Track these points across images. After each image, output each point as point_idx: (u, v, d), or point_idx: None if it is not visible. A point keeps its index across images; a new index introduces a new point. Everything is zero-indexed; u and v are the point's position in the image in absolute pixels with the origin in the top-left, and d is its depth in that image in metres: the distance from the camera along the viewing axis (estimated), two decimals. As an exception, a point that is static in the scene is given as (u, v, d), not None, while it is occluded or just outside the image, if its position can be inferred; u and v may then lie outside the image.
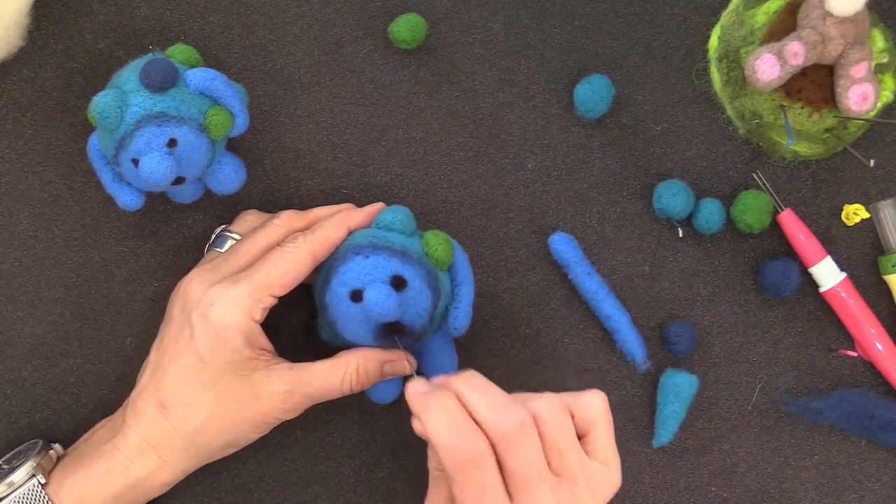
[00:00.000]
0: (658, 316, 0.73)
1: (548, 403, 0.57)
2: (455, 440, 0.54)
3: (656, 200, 0.71)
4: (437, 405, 0.56)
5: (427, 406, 0.56)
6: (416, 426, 0.58)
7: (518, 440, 0.55)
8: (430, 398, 0.56)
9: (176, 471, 0.64)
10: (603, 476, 0.58)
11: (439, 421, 0.55)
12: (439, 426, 0.55)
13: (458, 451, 0.54)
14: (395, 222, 0.65)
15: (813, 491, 0.74)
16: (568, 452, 0.57)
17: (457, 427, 0.55)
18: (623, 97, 0.73)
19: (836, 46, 0.67)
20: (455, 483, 0.55)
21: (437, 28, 0.72)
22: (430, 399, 0.56)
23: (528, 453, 0.55)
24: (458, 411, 0.55)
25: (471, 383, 0.57)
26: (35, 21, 0.70)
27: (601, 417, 0.59)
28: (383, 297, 0.61)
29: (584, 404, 0.59)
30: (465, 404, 0.56)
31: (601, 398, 0.59)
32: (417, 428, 0.58)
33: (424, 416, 0.56)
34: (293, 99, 0.72)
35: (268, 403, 0.63)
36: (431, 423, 0.55)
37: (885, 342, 0.73)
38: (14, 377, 0.71)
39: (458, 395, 0.56)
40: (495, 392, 0.57)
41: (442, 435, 0.55)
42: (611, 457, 0.59)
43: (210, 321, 0.62)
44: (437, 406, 0.56)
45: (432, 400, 0.56)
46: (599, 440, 0.59)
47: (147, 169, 0.62)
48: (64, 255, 0.71)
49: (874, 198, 0.74)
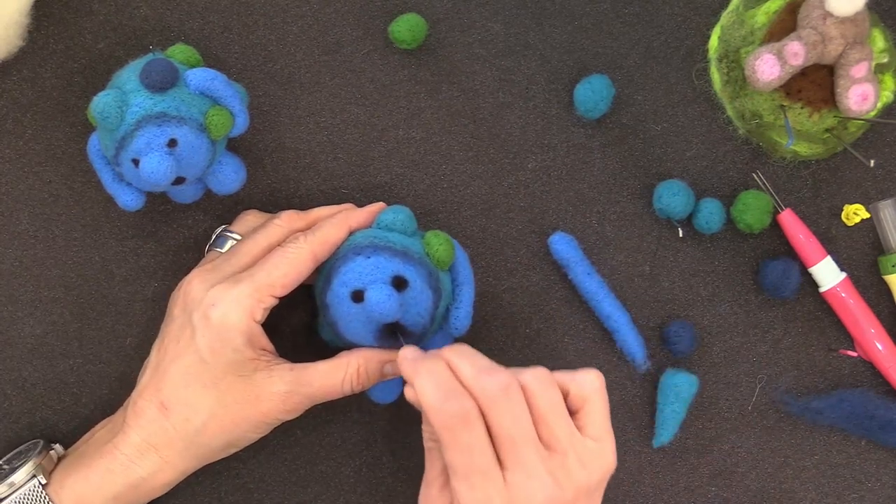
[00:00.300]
0: (658, 316, 0.73)
1: (535, 374, 0.58)
2: (443, 401, 0.56)
3: (656, 200, 0.71)
4: (426, 369, 0.57)
5: (417, 370, 0.58)
6: (407, 393, 0.59)
7: (503, 401, 0.56)
8: (421, 364, 0.58)
9: (177, 471, 0.64)
10: (595, 452, 0.58)
11: (428, 383, 0.57)
12: (428, 388, 0.57)
13: (446, 410, 0.56)
14: (396, 222, 0.65)
15: (813, 491, 0.74)
16: (557, 424, 0.57)
17: (444, 388, 0.56)
18: (623, 97, 0.73)
19: (836, 46, 0.67)
20: (444, 446, 0.56)
21: (437, 28, 0.72)
22: (420, 365, 0.58)
23: (514, 415, 0.56)
24: (446, 374, 0.57)
25: (460, 351, 0.59)
26: (35, 21, 0.70)
27: (595, 394, 0.59)
28: (384, 297, 0.61)
29: (579, 380, 0.59)
30: (453, 370, 0.58)
31: (596, 376, 0.60)
32: (409, 395, 0.59)
33: (415, 381, 0.57)
34: (293, 99, 0.72)
35: (268, 404, 0.63)
36: (420, 385, 0.57)
37: (885, 342, 0.73)
38: (14, 377, 0.71)
39: (448, 361, 0.58)
40: (483, 359, 0.58)
41: (430, 396, 0.56)
42: (604, 434, 0.59)
43: (211, 321, 0.62)
44: (427, 370, 0.57)
45: (422, 365, 0.58)
46: (592, 416, 0.59)
47: (147, 169, 0.62)
48: (64, 255, 0.71)
49: (874, 198, 0.74)
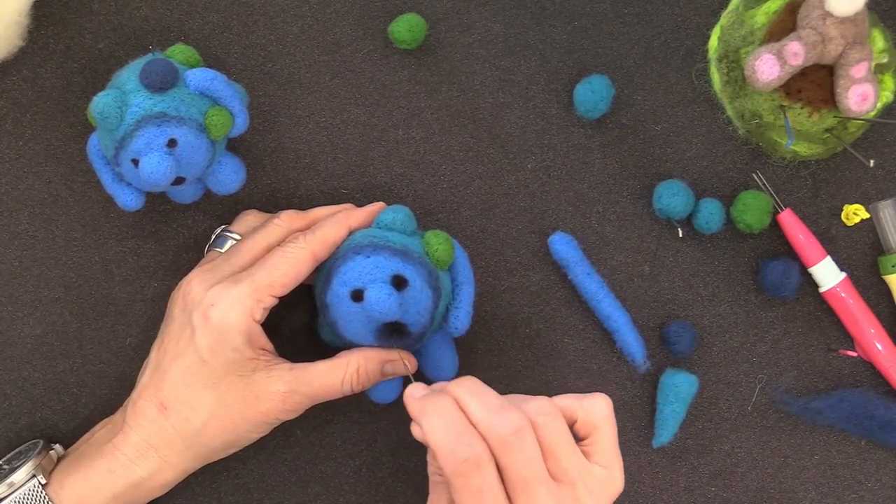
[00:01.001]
0: (658, 316, 0.73)
1: (541, 408, 0.57)
2: (453, 444, 0.54)
3: (656, 200, 0.71)
4: (435, 410, 0.56)
5: (426, 410, 0.56)
6: (415, 431, 0.58)
7: (516, 444, 0.55)
8: (429, 403, 0.56)
9: (176, 471, 0.64)
10: (604, 479, 0.58)
11: (438, 425, 0.55)
12: (438, 430, 0.55)
13: (457, 455, 0.54)
14: (395, 222, 0.65)
15: (813, 491, 0.74)
16: (565, 456, 0.56)
17: (455, 431, 0.55)
18: (623, 97, 0.73)
19: (836, 46, 0.67)
20: (454, 488, 0.55)
21: (437, 28, 0.72)
22: (428, 403, 0.56)
23: (527, 457, 0.55)
24: (456, 415, 0.55)
25: (468, 388, 0.57)
26: (35, 21, 0.70)
27: (605, 421, 0.58)
28: (384, 296, 0.61)
29: (587, 407, 0.58)
30: (462, 409, 0.56)
31: (606, 402, 0.59)
32: (416, 433, 0.58)
33: (423, 421, 0.56)
34: (293, 99, 0.72)
35: (268, 403, 0.63)
36: (430, 427, 0.55)
37: (885, 342, 0.73)
38: (14, 377, 0.71)
39: (456, 399, 0.56)
40: (492, 396, 0.57)
41: (440, 439, 0.55)
42: (612, 460, 0.58)
43: (211, 321, 0.62)
44: (436, 410, 0.56)
45: (430, 404, 0.56)
46: (601, 443, 0.58)
47: (147, 169, 0.62)
48: (64, 255, 0.71)
49: (874, 198, 0.74)
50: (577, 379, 0.73)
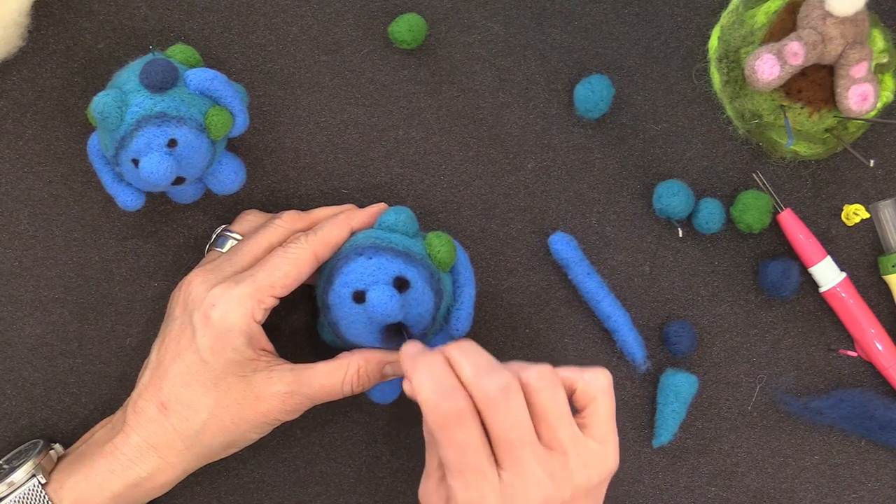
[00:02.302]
0: (658, 316, 0.73)
1: (539, 373, 0.57)
2: (437, 398, 0.55)
3: (656, 200, 0.71)
4: (425, 365, 0.57)
5: (416, 366, 0.57)
6: (405, 387, 0.59)
7: (500, 402, 0.55)
8: (420, 359, 0.57)
9: (177, 471, 0.64)
10: (597, 453, 0.58)
11: (425, 379, 0.56)
12: (424, 385, 0.56)
13: (440, 408, 0.55)
14: (397, 223, 0.65)
15: (813, 491, 0.74)
16: (559, 425, 0.57)
17: (440, 386, 0.56)
18: (623, 97, 0.73)
19: (836, 46, 0.67)
20: (439, 442, 0.56)
21: (437, 28, 0.72)
22: (419, 360, 0.57)
23: (512, 417, 0.56)
24: (444, 372, 0.56)
25: (461, 348, 0.58)
26: (35, 21, 0.70)
27: (602, 394, 0.59)
28: (386, 298, 0.61)
29: (587, 378, 0.59)
30: (454, 367, 0.57)
31: (605, 375, 0.59)
32: (407, 389, 0.59)
33: (412, 375, 0.57)
34: (293, 99, 0.72)
35: (268, 404, 0.63)
36: (418, 381, 0.56)
37: (885, 342, 0.73)
38: (14, 377, 0.71)
39: (448, 358, 0.57)
40: (484, 357, 0.58)
41: (425, 392, 0.56)
42: (608, 435, 0.58)
43: (211, 321, 0.62)
44: (425, 366, 0.57)
45: (422, 361, 0.57)
46: (597, 416, 0.58)
47: (147, 169, 0.62)
48: (64, 255, 0.71)
49: (874, 198, 0.74)
50: (577, 379, 0.73)
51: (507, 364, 0.58)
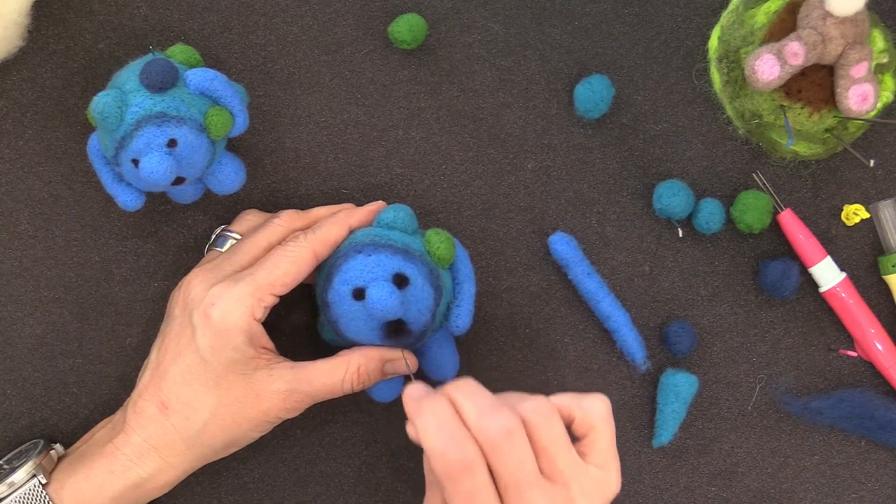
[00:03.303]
0: (658, 316, 0.73)
1: (536, 407, 0.57)
2: (445, 446, 0.54)
3: (656, 200, 0.71)
4: (429, 410, 0.56)
5: (420, 411, 0.56)
6: (409, 431, 0.58)
7: (506, 446, 0.55)
8: (424, 403, 0.56)
9: (177, 471, 0.64)
10: (599, 480, 0.58)
11: (430, 426, 0.55)
12: (430, 431, 0.55)
13: (448, 457, 0.54)
14: (396, 221, 0.65)
15: (813, 491, 0.74)
16: (559, 456, 0.56)
17: (447, 433, 0.55)
18: (623, 97, 0.73)
19: (836, 46, 0.67)
20: (446, 490, 0.55)
21: (437, 28, 0.72)
22: (423, 404, 0.56)
23: (517, 459, 0.55)
24: (449, 416, 0.55)
25: (463, 389, 0.57)
26: (35, 21, 0.70)
27: (602, 422, 0.58)
28: (386, 294, 0.61)
29: (585, 407, 0.58)
30: (457, 410, 0.56)
31: (603, 402, 0.59)
32: (411, 433, 0.58)
33: (417, 421, 0.56)
34: (293, 99, 0.72)
35: (269, 402, 0.63)
36: (422, 427, 0.55)
37: (885, 342, 0.73)
38: (14, 377, 0.71)
39: (451, 400, 0.56)
40: (485, 397, 0.57)
41: (432, 440, 0.55)
42: (609, 461, 0.58)
43: (211, 320, 0.62)
44: (430, 411, 0.56)
45: (425, 404, 0.56)
46: (597, 444, 0.58)
47: (147, 169, 0.62)
48: (64, 255, 0.71)
49: (874, 198, 0.74)
50: (577, 379, 0.73)
51: (503, 396, 0.58)
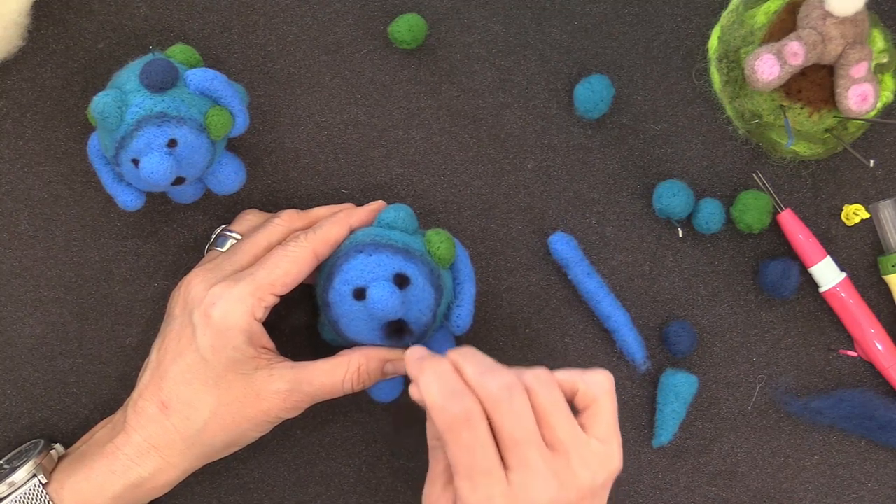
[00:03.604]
0: (658, 316, 0.73)
1: (536, 375, 0.58)
2: (446, 400, 0.56)
3: (656, 200, 0.71)
4: (431, 369, 0.57)
5: (423, 369, 0.58)
6: (412, 391, 0.59)
7: (505, 401, 0.56)
8: (426, 363, 0.58)
9: (178, 471, 0.64)
10: (600, 453, 0.58)
11: (432, 382, 0.57)
12: (432, 387, 0.56)
13: (449, 410, 0.56)
14: (397, 220, 0.65)
15: (813, 491, 0.74)
16: (559, 424, 0.57)
17: (448, 388, 0.56)
18: (623, 97, 0.73)
19: (835, 46, 0.67)
20: (447, 444, 0.56)
21: (437, 28, 0.72)
22: (425, 363, 0.58)
23: (517, 414, 0.56)
24: (450, 375, 0.57)
25: (463, 353, 0.59)
26: (35, 21, 0.70)
27: (605, 395, 0.59)
28: (387, 294, 0.61)
29: (587, 380, 0.59)
30: (458, 370, 0.58)
31: (606, 376, 0.60)
32: (414, 393, 0.59)
33: (420, 379, 0.57)
34: (293, 99, 0.72)
35: (269, 402, 0.63)
36: (425, 384, 0.57)
37: (885, 342, 0.73)
38: (14, 377, 0.71)
39: (453, 362, 0.58)
40: (487, 360, 0.58)
41: (434, 395, 0.56)
42: (610, 436, 0.59)
43: (212, 320, 0.62)
44: (432, 369, 0.57)
45: (427, 364, 0.58)
46: (599, 416, 0.59)
47: (147, 169, 0.62)
48: (64, 255, 0.71)
49: (874, 198, 0.74)
50: (577, 379, 0.73)
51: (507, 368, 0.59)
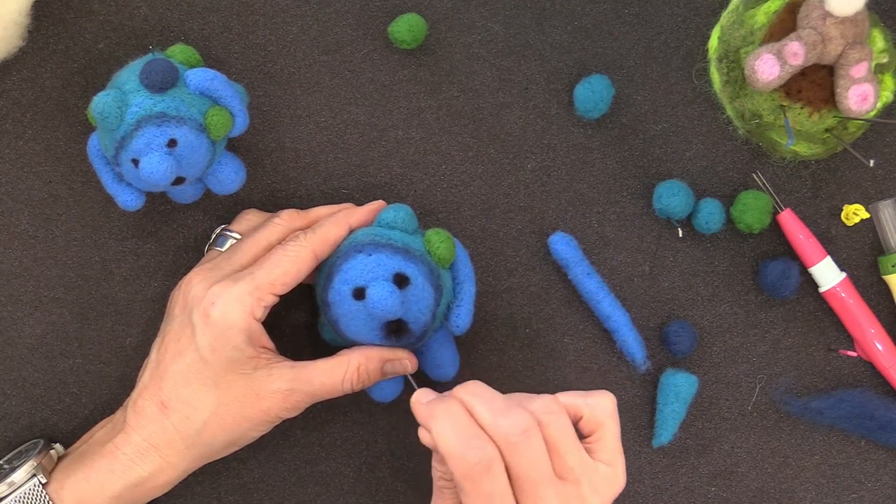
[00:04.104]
0: (658, 316, 0.73)
1: (545, 406, 0.57)
2: (464, 448, 0.54)
3: (656, 200, 0.71)
4: (443, 413, 0.56)
5: (434, 415, 0.56)
6: (422, 437, 0.58)
7: (523, 444, 0.55)
8: (437, 407, 0.56)
9: (177, 470, 0.64)
10: (607, 477, 0.58)
11: (446, 429, 0.55)
12: (447, 434, 0.55)
13: (468, 458, 0.54)
14: (396, 220, 0.65)
15: (813, 491, 0.74)
16: (569, 454, 0.57)
17: (464, 434, 0.55)
18: (623, 97, 0.73)
19: (835, 46, 0.67)
20: (464, 492, 0.55)
21: (437, 28, 0.72)
22: (436, 408, 0.56)
23: (534, 457, 0.55)
24: (464, 419, 0.56)
25: (473, 391, 0.57)
26: (35, 21, 0.70)
27: (609, 419, 0.59)
28: (386, 294, 0.61)
29: (592, 404, 0.59)
30: (469, 412, 0.56)
31: (610, 400, 0.59)
32: (425, 438, 0.58)
33: (432, 425, 0.56)
34: (293, 99, 0.72)
35: (269, 402, 0.63)
36: (439, 431, 0.55)
37: (885, 342, 0.73)
38: (14, 377, 0.71)
39: (463, 403, 0.56)
40: (497, 398, 0.57)
41: (450, 443, 0.55)
42: (616, 458, 0.59)
43: (211, 319, 0.62)
44: (444, 414, 0.56)
45: (438, 409, 0.56)
46: (605, 441, 0.59)
47: (147, 169, 0.62)
48: (64, 255, 0.71)
49: (874, 198, 0.74)
50: (577, 379, 0.73)
51: (510, 397, 0.58)
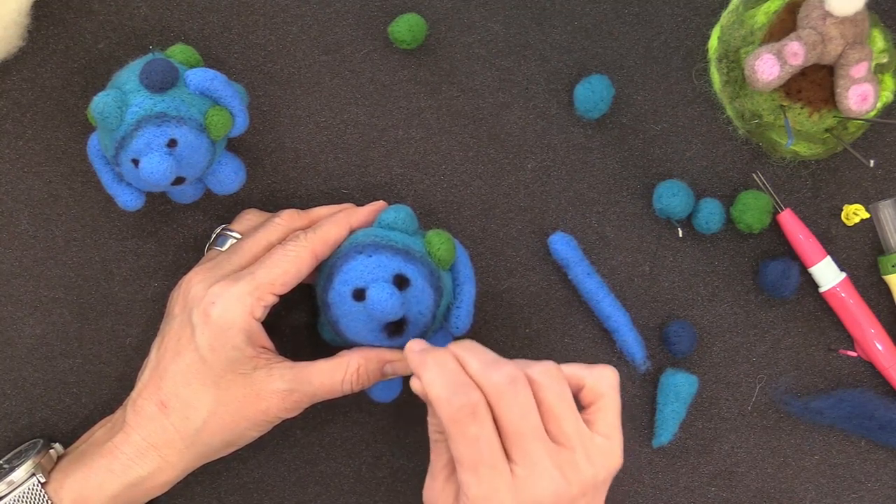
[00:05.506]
0: (658, 316, 0.73)
1: (543, 368, 0.58)
2: (450, 393, 0.56)
3: (656, 200, 0.71)
4: (434, 361, 0.57)
5: (425, 362, 0.58)
6: (413, 384, 0.59)
7: (509, 394, 0.56)
8: (428, 356, 0.58)
9: (177, 470, 0.64)
10: (604, 449, 0.58)
11: (436, 376, 0.57)
12: (436, 380, 0.57)
13: (454, 403, 0.56)
14: (397, 221, 0.65)
15: (813, 491, 0.74)
16: (564, 418, 0.57)
17: (453, 381, 0.56)
18: (623, 97, 0.73)
19: (835, 46, 0.67)
20: (451, 438, 0.56)
21: (437, 28, 0.72)
22: (428, 356, 0.58)
23: (521, 408, 0.56)
24: (454, 367, 0.57)
25: (466, 346, 0.59)
26: (35, 21, 0.70)
27: (610, 391, 0.59)
28: (386, 295, 0.61)
29: (595, 375, 0.59)
30: (461, 363, 0.58)
31: (612, 372, 0.60)
32: (416, 386, 0.59)
33: (422, 373, 0.57)
34: (293, 99, 0.72)
35: (268, 402, 0.63)
36: (428, 377, 0.57)
37: (885, 342, 0.73)
38: (14, 377, 0.71)
39: (455, 355, 0.58)
40: (490, 353, 0.59)
41: (438, 388, 0.56)
42: (613, 432, 0.59)
43: (211, 319, 0.62)
44: (435, 362, 0.57)
45: (430, 357, 0.58)
46: (603, 412, 0.59)
47: (147, 169, 0.62)
48: (64, 255, 0.71)
49: (874, 198, 0.74)
50: (577, 379, 0.73)
51: (511, 361, 0.59)
